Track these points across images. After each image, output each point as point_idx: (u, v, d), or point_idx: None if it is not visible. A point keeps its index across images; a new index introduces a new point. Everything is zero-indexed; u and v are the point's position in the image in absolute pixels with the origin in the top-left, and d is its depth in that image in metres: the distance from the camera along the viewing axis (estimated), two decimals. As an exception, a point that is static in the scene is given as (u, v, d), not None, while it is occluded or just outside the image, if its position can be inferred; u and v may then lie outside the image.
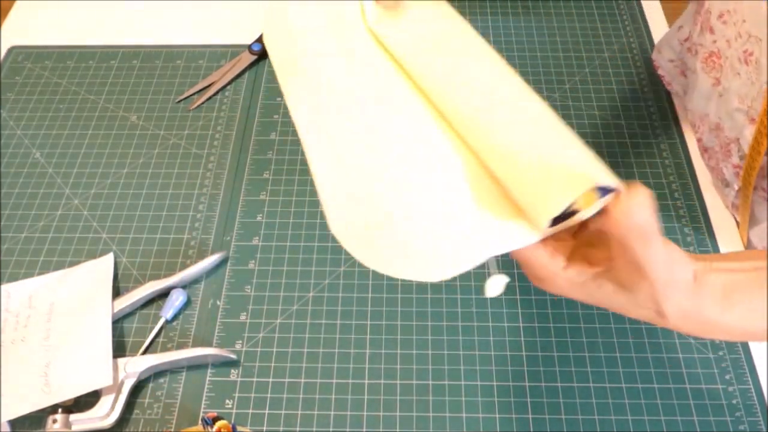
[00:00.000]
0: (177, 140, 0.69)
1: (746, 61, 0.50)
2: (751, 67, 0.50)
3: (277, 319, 0.56)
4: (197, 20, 0.82)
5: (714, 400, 0.51)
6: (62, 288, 0.57)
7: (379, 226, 0.31)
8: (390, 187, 0.32)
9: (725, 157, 0.57)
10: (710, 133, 0.58)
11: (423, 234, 0.30)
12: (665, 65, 0.68)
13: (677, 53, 0.65)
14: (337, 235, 0.32)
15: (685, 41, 0.63)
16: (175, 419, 0.51)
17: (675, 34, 0.65)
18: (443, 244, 0.30)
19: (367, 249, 0.31)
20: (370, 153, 0.33)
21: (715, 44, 0.55)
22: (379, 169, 0.32)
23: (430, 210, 0.31)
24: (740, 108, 0.53)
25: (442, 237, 0.30)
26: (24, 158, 0.68)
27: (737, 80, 0.52)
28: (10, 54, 0.78)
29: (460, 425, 0.50)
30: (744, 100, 0.52)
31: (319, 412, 0.51)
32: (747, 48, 0.50)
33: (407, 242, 0.30)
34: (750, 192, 0.55)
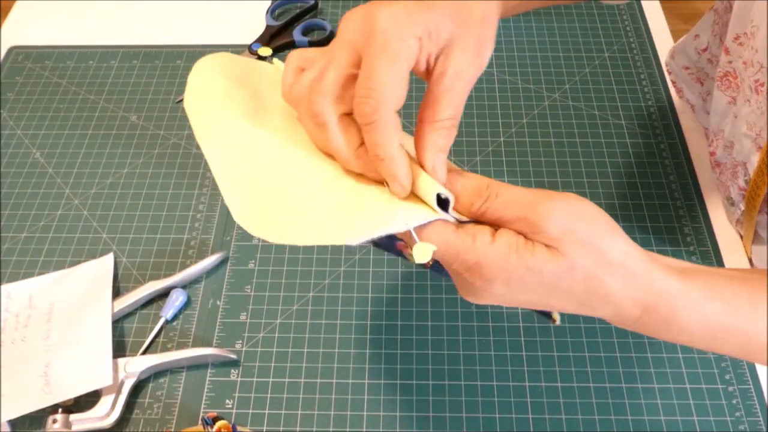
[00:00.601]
0: (177, 140, 0.69)
1: (756, 90, 0.50)
2: (761, 97, 0.50)
3: (277, 319, 0.56)
4: (197, 20, 0.82)
5: (714, 400, 0.51)
6: (62, 288, 0.57)
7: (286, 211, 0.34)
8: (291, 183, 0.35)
9: (733, 178, 0.57)
10: (723, 150, 0.58)
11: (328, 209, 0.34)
12: (679, 72, 0.67)
13: (694, 61, 0.64)
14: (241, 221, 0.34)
15: (703, 51, 0.62)
16: (175, 419, 0.51)
17: (691, 42, 0.64)
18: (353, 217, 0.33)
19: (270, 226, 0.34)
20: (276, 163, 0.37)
21: (731, 64, 0.54)
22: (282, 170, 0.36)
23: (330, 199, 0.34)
24: (748, 134, 0.53)
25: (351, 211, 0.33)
26: (24, 158, 0.68)
27: (747, 107, 0.52)
28: (10, 54, 0.78)
29: (460, 425, 0.50)
30: (752, 128, 0.52)
31: (319, 412, 0.51)
32: (758, 78, 0.49)
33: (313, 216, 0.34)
34: (755, 214, 0.55)
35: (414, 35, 0.32)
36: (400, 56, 0.32)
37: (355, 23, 0.33)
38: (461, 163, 0.66)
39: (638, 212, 0.62)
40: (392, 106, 0.32)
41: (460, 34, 0.34)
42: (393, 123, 0.32)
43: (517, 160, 0.66)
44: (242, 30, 0.79)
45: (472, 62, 0.34)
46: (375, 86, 0.32)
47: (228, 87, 0.40)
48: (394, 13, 0.32)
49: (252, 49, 0.76)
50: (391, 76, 0.32)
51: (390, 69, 0.32)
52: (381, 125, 0.32)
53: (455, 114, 0.34)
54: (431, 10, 0.33)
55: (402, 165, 0.32)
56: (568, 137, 0.68)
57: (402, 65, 0.32)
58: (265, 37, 0.77)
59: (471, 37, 0.34)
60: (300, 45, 0.77)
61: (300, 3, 0.81)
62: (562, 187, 0.64)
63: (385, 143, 0.32)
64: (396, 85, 0.32)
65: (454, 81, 0.33)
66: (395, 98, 0.32)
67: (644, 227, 0.61)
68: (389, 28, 0.32)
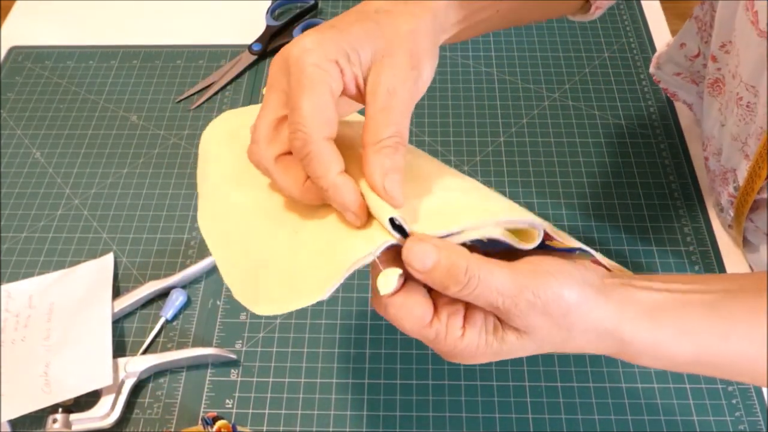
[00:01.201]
0: (177, 140, 0.69)
1: (737, 103, 0.50)
2: (741, 110, 0.50)
3: (277, 319, 0.56)
4: (197, 20, 0.82)
5: (714, 400, 0.51)
6: (62, 288, 0.57)
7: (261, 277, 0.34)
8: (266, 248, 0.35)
9: (723, 184, 0.57)
10: (714, 157, 0.58)
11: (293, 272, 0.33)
12: (669, 79, 0.67)
13: (686, 67, 0.64)
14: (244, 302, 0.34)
15: (695, 57, 0.62)
16: (175, 419, 0.51)
17: (678, 51, 0.63)
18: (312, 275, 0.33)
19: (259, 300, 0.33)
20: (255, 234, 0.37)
21: (719, 71, 0.54)
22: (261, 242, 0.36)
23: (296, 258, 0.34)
24: (734, 144, 0.53)
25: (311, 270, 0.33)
26: (24, 158, 0.68)
27: (732, 117, 0.52)
28: (10, 54, 0.78)
29: (460, 425, 0.50)
30: (738, 138, 0.52)
31: (319, 412, 0.51)
32: (738, 92, 0.49)
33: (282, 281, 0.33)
34: (743, 220, 0.55)
35: (327, 59, 0.31)
36: (316, 83, 0.31)
37: (276, 65, 0.33)
38: (461, 163, 0.66)
39: (638, 212, 0.62)
40: (322, 135, 0.31)
41: (388, 51, 0.33)
42: (327, 152, 0.31)
43: (517, 160, 0.66)
44: (242, 30, 0.79)
45: (405, 76, 0.33)
46: (299, 119, 0.31)
47: (218, 150, 0.40)
48: (304, 45, 0.32)
49: (252, 49, 0.76)
50: (313, 105, 0.31)
51: (310, 98, 0.31)
52: (314, 156, 0.31)
53: (398, 131, 0.32)
54: (345, 33, 0.32)
55: (347, 192, 0.31)
56: (568, 137, 0.68)
57: (320, 91, 0.31)
58: (265, 37, 0.77)
59: (400, 51, 0.33)
60: (300, 45, 0.77)
61: (300, 3, 0.81)
62: (562, 187, 0.64)
63: (323, 173, 0.31)
64: (320, 112, 0.31)
65: (388, 98, 0.32)
66: (323, 126, 0.31)
67: (644, 227, 0.61)
68: (301, 59, 0.31)
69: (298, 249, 0.34)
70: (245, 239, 0.36)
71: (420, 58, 0.33)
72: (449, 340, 0.32)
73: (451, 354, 0.33)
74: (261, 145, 0.33)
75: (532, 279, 0.32)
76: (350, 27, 0.33)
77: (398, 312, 0.32)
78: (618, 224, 0.61)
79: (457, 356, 0.33)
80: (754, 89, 0.47)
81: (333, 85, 0.31)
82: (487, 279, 0.31)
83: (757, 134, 0.48)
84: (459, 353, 0.32)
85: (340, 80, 0.32)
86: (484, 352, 0.32)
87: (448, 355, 0.33)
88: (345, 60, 0.32)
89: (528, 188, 0.64)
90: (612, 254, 0.59)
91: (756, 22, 0.44)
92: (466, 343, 0.32)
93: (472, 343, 0.32)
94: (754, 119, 0.48)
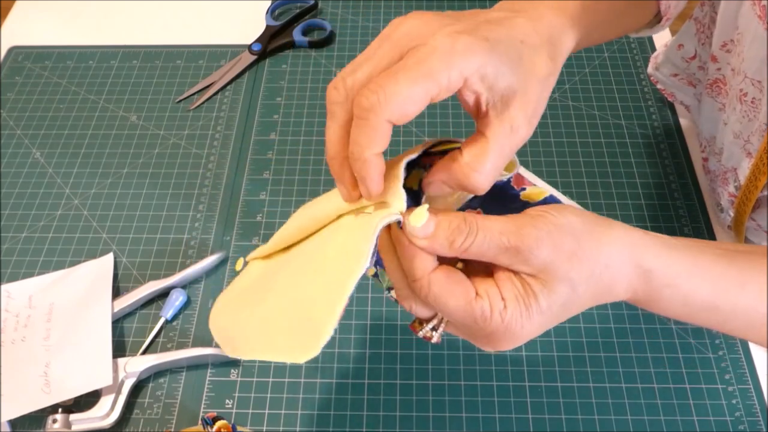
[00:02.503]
0: (177, 140, 0.69)
1: (740, 100, 0.50)
2: (745, 106, 0.50)
3: (277, 319, 0.56)
4: (197, 20, 0.82)
5: (714, 400, 0.51)
6: (62, 288, 0.57)
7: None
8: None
9: (723, 184, 0.57)
10: (714, 157, 0.58)
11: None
12: (667, 80, 0.67)
13: (682, 69, 0.64)
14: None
15: (691, 59, 0.62)
16: (175, 419, 0.51)
17: (675, 52, 0.64)
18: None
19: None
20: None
21: (719, 71, 0.54)
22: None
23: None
24: (736, 142, 0.53)
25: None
26: (24, 158, 0.68)
27: (734, 114, 0.52)
28: (10, 54, 0.78)
29: (460, 425, 0.50)
30: (739, 136, 0.52)
31: (319, 412, 0.51)
32: (742, 87, 0.49)
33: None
34: (744, 220, 0.55)
35: (460, 71, 0.29)
36: (429, 80, 0.29)
37: (411, 25, 0.31)
38: (461, 163, 0.66)
39: (638, 212, 0.62)
40: (390, 117, 0.29)
41: (522, 88, 0.31)
42: (381, 131, 0.30)
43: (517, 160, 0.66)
44: (242, 30, 0.79)
45: (529, 120, 0.32)
46: (386, 89, 0.29)
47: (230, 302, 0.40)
48: (454, 40, 0.29)
49: (252, 49, 0.76)
50: (408, 90, 0.29)
51: (412, 83, 0.29)
52: (367, 127, 0.30)
53: (493, 170, 0.32)
54: (493, 54, 0.30)
55: (374, 171, 0.31)
56: (569, 137, 0.68)
57: (425, 88, 0.29)
58: (264, 37, 0.77)
59: (533, 93, 0.32)
60: (300, 45, 0.77)
61: (300, 3, 0.81)
62: (563, 187, 0.64)
63: (365, 145, 0.30)
64: (406, 100, 0.29)
65: (508, 135, 0.31)
66: (398, 112, 0.29)
67: (644, 227, 0.60)
68: (440, 49, 0.29)
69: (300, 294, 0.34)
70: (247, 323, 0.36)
71: (543, 104, 0.33)
72: (495, 313, 0.31)
73: (498, 334, 0.32)
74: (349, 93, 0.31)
75: (529, 219, 0.32)
76: (498, 47, 0.31)
77: (443, 288, 0.32)
78: (618, 224, 0.61)
79: (506, 335, 0.32)
80: (760, 84, 0.47)
81: (441, 92, 0.30)
82: (486, 224, 0.32)
83: (761, 131, 0.49)
84: (506, 328, 0.32)
85: (448, 94, 0.30)
86: (529, 317, 0.32)
87: (494, 336, 0.32)
88: (478, 79, 0.30)
89: (528, 188, 0.64)
90: (612, 254, 0.59)
91: (764, 17, 0.44)
92: (511, 312, 0.31)
93: (516, 311, 0.31)
94: (758, 116, 0.48)
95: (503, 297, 0.32)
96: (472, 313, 0.32)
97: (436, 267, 0.33)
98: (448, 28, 0.30)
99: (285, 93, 0.73)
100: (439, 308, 0.33)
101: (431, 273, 0.32)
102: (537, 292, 0.32)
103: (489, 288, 0.32)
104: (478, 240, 0.32)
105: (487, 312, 0.31)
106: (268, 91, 0.73)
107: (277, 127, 0.70)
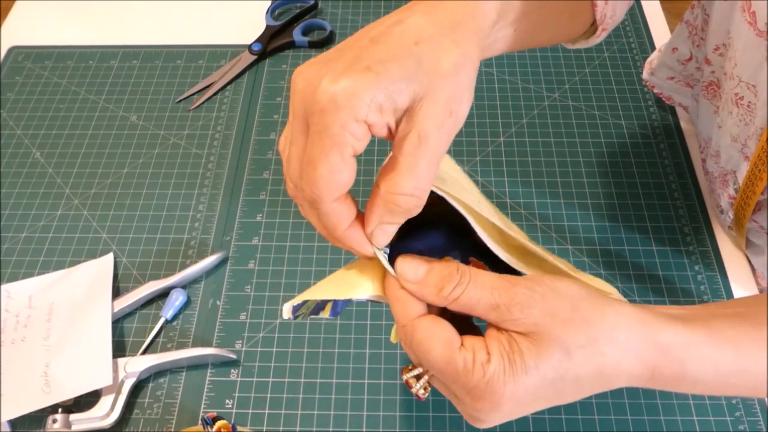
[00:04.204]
0: (177, 140, 0.69)
1: (737, 103, 0.50)
2: (742, 110, 0.50)
3: (277, 319, 0.56)
4: (197, 20, 0.82)
5: (714, 400, 0.51)
6: (62, 288, 0.57)
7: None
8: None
9: (722, 186, 0.57)
10: (711, 159, 0.58)
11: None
12: (663, 83, 0.67)
13: (679, 71, 0.64)
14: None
15: (687, 61, 0.62)
16: (175, 419, 0.51)
17: (670, 56, 0.64)
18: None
19: None
20: None
21: (714, 74, 0.54)
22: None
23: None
24: (734, 145, 0.53)
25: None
26: (24, 158, 0.68)
27: (730, 118, 0.52)
28: (10, 54, 0.78)
29: (460, 425, 0.50)
30: (737, 139, 0.52)
31: (319, 412, 0.51)
32: (738, 92, 0.49)
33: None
34: (745, 222, 0.55)
35: (355, 119, 0.28)
36: (336, 146, 0.28)
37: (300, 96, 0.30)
38: (461, 164, 0.66)
39: (638, 212, 0.62)
40: (333, 197, 0.30)
41: (425, 91, 0.29)
42: (335, 212, 0.30)
43: (517, 160, 0.66)
44: (242, 30, 0.79)
45: (441, 122, 0.29)
46: (312, 180, 0.29)
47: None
48: (334, 94, 0.28)
49: (252, 49, 0.76)
50: (329, 170, 0.29)
51: (327, 161, 0.29)
52: (323, 215, 0.30)
53: (418, 186, 0.30)
54: (381, 78, 0.28)
55: (356, 242, 0.32)
56: (568, 137, 0.68)
57: (340, 156, 0.29)
58: (264, 37, 0.77)
59: (440, 93, 0.29)
60: (300, 45, 0.77)
61: (300, 3, 0.81)
62: (562, 187, 0.64)
63: (332, 229, 0.31)
64: (334, 177, 0.29)
65: (417, 145, 0.29)
66: (335, 189, 0.29)
67: (644, 227, 0.61)
68: (327, 111, 0.28)
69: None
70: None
71: (460, 98, 0.30)
72: (477, 365, 0.30)
73: (479, 390, 0.30)
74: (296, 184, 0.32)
75: (524, 280, 0.31)
76: (388, 68, 0.29)
77: (426, 334, 0.31)
78: (618, 224, 0.61)
79: (487, 392, 0.30)
80: (755, 88, 0.47)
81: (356, 146, 0.29)
82: (479, 277, 0.31)
83: (757, 135, 0.48)
84: (487, 383, 0.30)
85: (366, 140, 0.30)
86: (513, 375, 0.30)
87: (475, 392, 0.30)
88: (377, 113, 0.29)
89: (528, 188, 0.64)
90: (612, 254, 0.59)
91: (754, 23, 0.44)
92: (494, 367, 0.30)
93: (499, 366, 0.30)
94: (754, 120, 0.48)
95: (488, 351, 0.30)
96: (455, 363, 0.30)
97: (423, 314, 0.32)
98: (328, 76, 0.29)
99: (285, 93, 0.73)
100: (423, 356, 0.31)
101: (416, 319, 0.32)
102: (524, 349, 0.30)
103: (476, 342, 0.31)
104: (468, 291, 0.31)
105: (469, 363, 0.30)
106: (268, 91, 0.73)
107: (277, 127, 0.70)
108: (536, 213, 0.62)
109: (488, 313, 0.31)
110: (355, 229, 0.32)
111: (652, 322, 0.31)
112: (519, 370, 0.30)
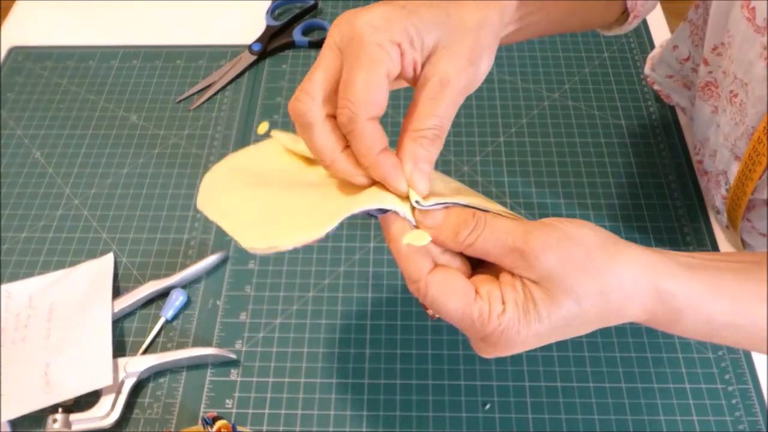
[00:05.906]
0: (177, 140, 0.69)
1: (731, 101, 0.50)
2: (735, 108, 0.50)
3: (277, 319, 0.56)
4: (197, 20, 0.82)
5: (714, 400, 0.51)
6: (62, 288, 0.57)
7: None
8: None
9: (716, 186, 0.57)
10: (709, 159, 0.58)
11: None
12: (662, 81, 0.67)
13: (677, 71, 0.64)
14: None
15: (685, 61, 0.62)
16: (175, 419, 0.51)
17: (671, 53, 0.64)
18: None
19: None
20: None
21: (711, 74, 0.54)
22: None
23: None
24: (725, 144, 0.53)
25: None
26: (24, 158, 0.68)
27: (724, 117, 0.52)
28: (10, 54, 0.78)
29: (460, 425, 0.50)
30: (728, 138, 0.52)
31: (319, 412, 0.51)
32: (732, 89, 0.49)
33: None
34: (738, 222, 0.55)
35: (391, 41, 0.31)
36: (374, 63, 0.31)
37: (341, 27, 0.33)
38: (461, 163, 0.66)
39: (638, 212, 0.62)
40: (369, 115, 0.31)
41: (450, 41, 0.32)
42: (370, 132, 0.31)
43: (517, 160, 0.66)
44: (242, 30, 0.79)
45: (462, 70, 0.32)
46: (350, 96, 0.31)
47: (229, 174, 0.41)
48: (371, 19, 0.31)
49: (252, 49, 0.76)
50: (366, 84, 0.31)
51: (365, 76, 0.31)
52: (358, 135, 0.31)
53: (439, 123, 0.32)
54: (413, 16, 0.32)
55: (388, 169, 0.32)
56: (568, 137, 0.68)
57: (377, 72, 0.31)
58: (264, 37, 0.77)
59: (463, 44, 0.32)
60: (300, 45, 0.77)
61: (300, 3, 0.81)
62: (562, 187, 0.64)
63: (365, 152, 0.32)
64: (371, 92, 0.31)
65: (439, 89, 0.32)
66: (372, 106, 0.31)
67: (644, 227, 0.61)
68: (365, 34, 0.31)
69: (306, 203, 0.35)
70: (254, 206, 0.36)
71: (480, 53, 0.33)
72: (493, 316, 0.31)
73: (494, 336, 0.32)
74: (314, 99, 0.32)
75: (540, 225, 0.32)
76: (419, 9, 0.32)
77: (441, 289, 0.32)
78: (618, 224, 0.61)
79: (501, 339, 0.32)
80: (747, 86, 0.47)
81: (391, 67, 0.31)
82: (494, 222, 0.32)
83: (747, 135, 0.49)
84: (502, 332, 0.31)
85: (399, 63, 0.32)
86: (526, 324, 0.31)
87: (490, 339, 0.32)
88: (408, 44, 0.32)
89: (528, 188, 0.64)
90: (612, 254, 0.59)
91: (753, 19, 0.44)
92: (509, 317, 0.31)
93: (514, 316, 0.31)
94: (744, 120, 0.49)
95: (504, 300, 0.32)
96: (471, 314, 0.31)
97: (433, 268, 0.32)
98: (366, 9, 0.32)
99: (285, 93, 0.73)
100: (439, 310, 0.32)
101: (428, 274, 0.32)
102: (537, 299, 0.31)
103: (491, 289, 0.32)
104: (484, 235, 0.32)
105: (485, 314, 0.31)
106: (268, 91, 0.73)
107: (276, 127, 0.70)
108: (536, 213, 0.62)
109: (503, 259, 0.32)
110: (388, 155, 0.32)
111: (659, 268, 0.32)
112: (532, 319, 0.31)
